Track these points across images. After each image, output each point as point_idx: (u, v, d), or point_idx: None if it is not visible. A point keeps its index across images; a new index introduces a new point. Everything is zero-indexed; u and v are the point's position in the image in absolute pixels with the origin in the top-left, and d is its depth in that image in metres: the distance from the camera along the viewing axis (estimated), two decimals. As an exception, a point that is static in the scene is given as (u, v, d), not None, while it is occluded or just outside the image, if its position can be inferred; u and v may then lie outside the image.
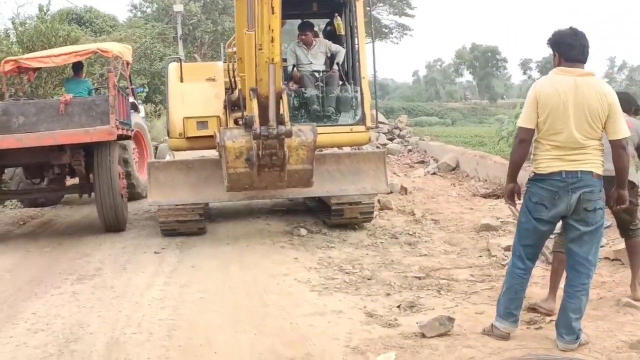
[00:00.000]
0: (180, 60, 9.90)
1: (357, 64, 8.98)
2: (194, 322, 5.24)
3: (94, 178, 8.98)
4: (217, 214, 10.00)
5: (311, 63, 9.08)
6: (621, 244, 5.94)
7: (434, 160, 16.56)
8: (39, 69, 11.98)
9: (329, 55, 9.26)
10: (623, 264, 6.13)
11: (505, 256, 6.85)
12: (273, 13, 5.76)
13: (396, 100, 67.02)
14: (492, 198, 10.85)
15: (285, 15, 9.15)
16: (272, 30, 5.85)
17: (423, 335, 4.73)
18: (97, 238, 8.67)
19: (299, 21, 9.58)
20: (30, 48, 18.05)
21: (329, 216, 8.60)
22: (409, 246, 7.73)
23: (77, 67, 11.69)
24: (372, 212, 8.66)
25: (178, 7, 36.50)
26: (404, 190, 11.68)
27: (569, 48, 4.33)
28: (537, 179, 4.41)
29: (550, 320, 4.85)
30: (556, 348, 4.38)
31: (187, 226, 8.23)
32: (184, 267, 6.98)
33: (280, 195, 8.46)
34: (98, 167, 8.78)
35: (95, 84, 14.78)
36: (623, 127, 4.30)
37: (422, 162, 17.14)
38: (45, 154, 8.81)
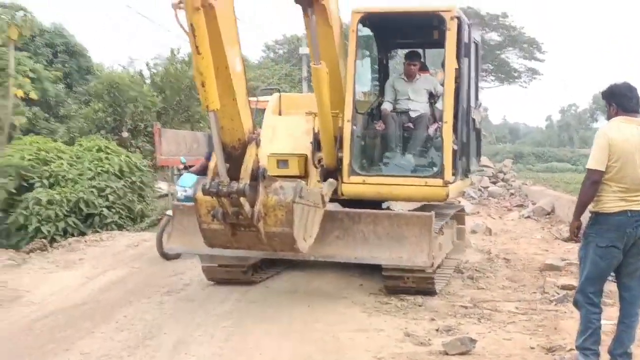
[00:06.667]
0: (279, 90, 9.18)
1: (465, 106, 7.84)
2: (251, 331, 6.04)
3: None
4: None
5: (409, 99, 8.12)
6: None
7: (532, 204, 16.62)
8: None
9: (435, 95, 8.24)
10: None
11: (557, 293, 7.15)
12: (199, 54, 5.00)
13: (526, 145, 65.68)
14: (572, 242, 10.93)
15: (398, 45, 9.23)
16: (201, 73, 5.07)
17: (445, 353, 5.29)
18: (192, 260, 9.70)
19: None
20: (161, 88, 20.23)
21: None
22: (470, 280, 8.14)
23: None
24: (432, 285, 7.21)
25: (304, 50, 38.45)
26: (488, 231, 12.01)
27: (626, 100, 4.84)
28: (600, 220, 4.76)
29: (571, 349, 5.21)
30: None
31: (231, 275, 7.73)
32: (259, 287, 7.78)
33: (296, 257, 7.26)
34: None
35: None
36: None
37: (521, 205, 17.22)
38: None
